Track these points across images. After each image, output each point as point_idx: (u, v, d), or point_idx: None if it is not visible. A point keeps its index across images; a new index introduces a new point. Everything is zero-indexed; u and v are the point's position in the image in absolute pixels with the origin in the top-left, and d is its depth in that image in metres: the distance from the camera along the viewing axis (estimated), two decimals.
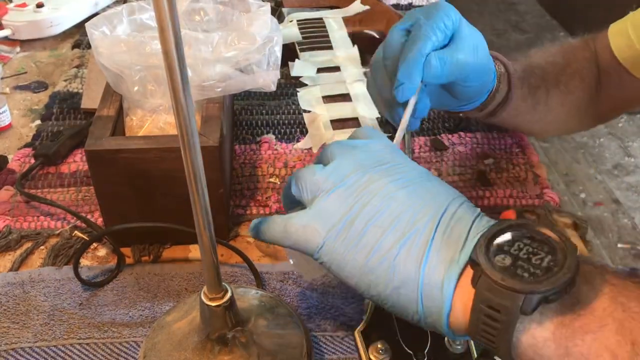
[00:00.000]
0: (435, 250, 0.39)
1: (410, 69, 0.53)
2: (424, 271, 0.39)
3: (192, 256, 0.64)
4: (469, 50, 0.57)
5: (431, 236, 0.40)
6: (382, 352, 0.48)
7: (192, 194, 0.40)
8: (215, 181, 0.60)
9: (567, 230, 0.68)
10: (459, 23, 0.57)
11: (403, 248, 0.39)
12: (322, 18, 0.96)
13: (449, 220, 0.40)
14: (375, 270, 0.40)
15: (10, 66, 0.97)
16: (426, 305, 0.39)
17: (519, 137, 0.80)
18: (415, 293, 0.39)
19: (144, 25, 0.68)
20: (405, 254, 0.39)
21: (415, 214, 0.40)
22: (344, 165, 0.44)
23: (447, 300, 0.38)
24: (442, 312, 0.39)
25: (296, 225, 0.42)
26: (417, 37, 0.54)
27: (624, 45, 0.70)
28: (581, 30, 0.79)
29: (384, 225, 0.40)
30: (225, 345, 0.48)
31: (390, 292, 0.40)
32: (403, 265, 0.39)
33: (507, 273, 0.36)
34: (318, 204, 0.42)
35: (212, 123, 0.62)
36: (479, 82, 0.60)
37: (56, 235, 0.66)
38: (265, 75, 0.66)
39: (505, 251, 0.37)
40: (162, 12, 0.32)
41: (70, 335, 0.56)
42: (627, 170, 2.23)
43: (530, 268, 0.36)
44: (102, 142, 0.59)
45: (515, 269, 0.36)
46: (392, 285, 0.40)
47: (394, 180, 0.42)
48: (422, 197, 0.41)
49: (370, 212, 0.41)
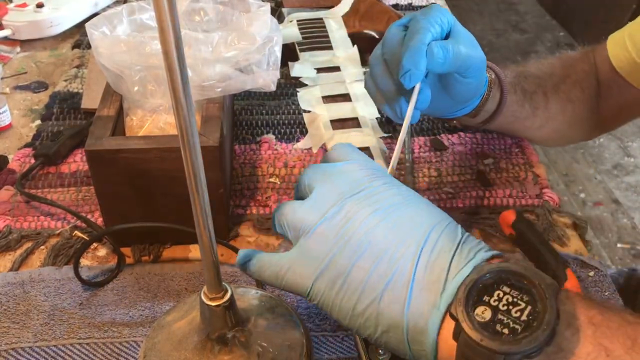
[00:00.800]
0: (416, 291, 0.39)
1: (414, 56, 0.53)
2: (407, 316, 0.39)
3: (192, 256, 0.64)
4: (468, 43, 0.58)
5: (412, 275, 0.40)
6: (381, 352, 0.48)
7: (192, 194, 0.40)
8: (215, 181, 0.60)
9: (567, 230, 0.68)
10: (454, 23, 0.58)
11: (386, 291, 0.40)
12: (322, 18, 0.96)
13: (429, 253, 0.40)
14: (364, 314, 0.40)
15: (10, 66, 0.97)
16: (414, 349, 0.40)
17: (519, 138, 0.80)
18: (402, 336, 0.40)
19: (144, 25, 0.68)
20: (389, 298, 0.40)
21: (396, 250, 0.40)
22: (323, 198, 0.44)
23: (431, 347, 0.39)
24: (429, 356, 0.39)
25: (285, 269, 0.43)
26: (417, 29, 0.55)
27: (621, 56, 0.71)
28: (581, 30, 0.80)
29: (367, 266, 0.40)
30: (225, 345, 0.48)
31: (380, 334, 0.40)
32: (387, 309, 0.40)
33: (486, 331, 0.36)
34: (303, 244, 0.43)
35: (212, 123, 0.62)
36: (478, 79, 0.61)
37: (56, 235, 0.66)
38: (265, 75, 0.66)
39: (485, 302, 0.37)
40: (162, 12, 0.32)
41: (70, 335, 0.56)
42: (627, 170, 2.23)
43: (509, 322, 0.36)
44: (102, 142, 0.59)
45: (494, 325, 0.36)
46: (381, 329, 0.40)
47: (374, 210, 0.42)
48: (403, 228, 0.41)
49: (351, 250, 0.41)
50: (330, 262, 0.41)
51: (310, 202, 0.44)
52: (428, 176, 0.74)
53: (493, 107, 0.67)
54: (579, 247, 0.66)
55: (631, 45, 0.70)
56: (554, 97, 0.72)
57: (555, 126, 0.75)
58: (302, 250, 0.43)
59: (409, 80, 0.54)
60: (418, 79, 0.54)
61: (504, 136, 0.80)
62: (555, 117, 0.74)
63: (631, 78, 0.71)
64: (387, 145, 0.78)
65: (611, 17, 2.52)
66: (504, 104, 0.66)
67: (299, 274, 0.42)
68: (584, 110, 0.76)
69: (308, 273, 0.42)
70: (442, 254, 0.40)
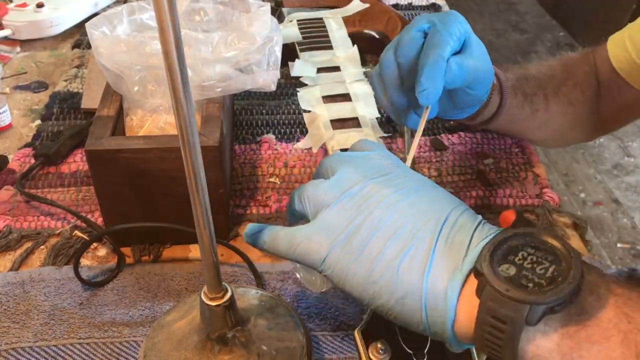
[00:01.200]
0: (437, 259, 0.39)
1: (434, 73, 0.53)
2: (427, 281, 0.39)
3: (192, 256, 0.64)
4: (480, 57, 0.58)
5: (433, 245, 0.40)
6: (382, 352, 0.48)
7: (192, 194, 0.40)
8: (215, 181, 0.60)
9: (567, 230, 0.68)
10: (469, 32, 0.58)
11: (406, 258, 0.40)
12: (322, 18, 0.96)
13: (450, 228, 0.40)
14: (379, 281, 0.40)
15: (10, 66, 0.97)
16: (430, 315, 0.39)
17: (518, 138, 0.80)
18: (419, 303, 0.39)
19: (144, 25, 0.68)
20: (408, 264, 0.39)
21: (417, 223, 0.41)
22: (346, 177, 0.44)
23: (451, 310, 0.38)
24: (446, 321, 0.39)
25: (300, 239, 0.43)
26: (437, 42, 0.54)
27: (621, 57, 0.72)
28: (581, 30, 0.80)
29: (387, 235, 0.40)
30: (225, 345, 0.48)
31: (395, 302, 0.40)
32: (406, 275, 0.39)
33: (511, 283, 0.36)
34: (322, 217, 0.43)
35: (212, 123, 0.62)
36: (483, 90, 0.61)
37: (56, 235, 0.66)
38: (265, 75, 0.66)
39: (509, 260, 0.37)
40: (162, 12, 0.32)
41: (70, 335, 0.56)
42: (627, 170, 2.23)
43: (534, 278, 0.36)
44: (102, 142, 0.59)
45: (519, 279, 0.36)
46: (396, 295, 0.40)
47: (395, 190, 0.43)
48: (424, 207, 0.42)
49: (372, 223, 0.41)
50: (349, 232, 0.41)
51: (333, 181, 0.44)
52: (428, 176, 0.74)
53: (492, 110, 0.67)
54: (579, 247, 0.66)
55: (631, 46, 0.70)
56: (555, 99, 0.72)
57: (555, 127, 0.76)
58: (321, 221, 0.43)
59: (426, 99, 0.53)
60: (435, 98, 0.54)
61: (504, 136, 0.80)
62: (555, 118, 0.74)
63: (631, 79, 0.71)
64: (387, 145, 0.78)
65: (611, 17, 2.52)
66: (503, 107, 0.67)
67: (315, 242, 0.42)
68: (584, 112, 0.76)
69: (325, 242, 0.42)
70: (463, 229, 0.40)
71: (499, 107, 0.67)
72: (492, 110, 0.67)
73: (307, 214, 0.45)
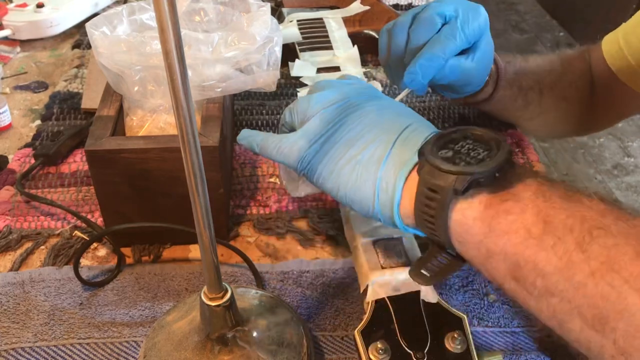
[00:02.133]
0: (393, 155, 0.45)
1: (429, 65, 0.58)
2: (382, 171, 0.45)
3: (192, 256, 0.64)
4: (481, 61, 0.61)
5: (391, 145, 0.46)
6: (381, 352, 0.48)
7: (192, 194, 0.40)
8: (215, 181, 0.60)
9: None
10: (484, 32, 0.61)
11: (366, 154, 0.46)
12: (322, 18, 0.96)
13: (409, 133, 0.46)
14: (343, 173, 0.46)
15: (10, 66, 0.97)
16: (381, 199, 0.45)
17: (519, 137, 0.80)
18: (373, 189, 0.45)
19: (144, 25, 0.68)
20: (368, 159, 0.46)
21: (381, 130, 0.47)
22: (331, 95, 0.50)
23: (397, 191, 0.44)
24: (393, 203, 0.44)
25: (286, 143, 0.49)
26: (448, 39, 0.58)
27: (615, 55, 0.73)
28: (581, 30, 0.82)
29: (355, 138, 0.47)
30: (225, 345, 0.48)
31: (354, 190, 0.46)
32: (365, 167, 0.45)
33: (446, 161, 0.41)
34: (305, 126, 0.49)
35: (212, 123, 0.62)
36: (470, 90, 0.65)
37: (56, 235, 0.66)
38: (265, 75, 0.66)
39: (450, 148, 0.43)
40: (162, 12, 0.32)
41: (70, 335, 0.56)
42: (627, 170, 2.23)
43: (467, 159, 0.42)
44: (102, 142, 0.59)
45: (454, 159, 0.42)
46: (356, 184, 0.46)
47: (369, 106, 0.49)
48: (390, 118, 0.48)
49: (345, 129, 0.48)
50: (325, 138, 0.48)
51: (320, 96, 0.51)
52: None
53: (484, 97, 0.70)
54: None
55: (624, 45, 0.72)
56: (549, 94, 0.74)
57: (547, 120, 0.78)
58: (304, 129, 0.49)
59: (410, 82, 0.59)
60: (419, 86, 0.59)
61: (503, 136, 0.80)
62: (548, 112, 0.77)
63: (624, 77, 0.72)
64: None
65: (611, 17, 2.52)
66: (493, 97, 0.70)
67: (296, 146, 0.49)
68: (577, 108, 0.78)
69: (304, 146, 0.48)
70: (420, 134, 0.46)
71: (490, 96, 0.70)
72: (483, 96, 0.70)
73: (295, 124, 0.51)
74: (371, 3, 0.96)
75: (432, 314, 0.50)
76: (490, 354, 0.49)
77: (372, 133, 0.47)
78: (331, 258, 0.64)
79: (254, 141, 0.52)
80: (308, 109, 0.50)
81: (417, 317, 0.50)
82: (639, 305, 0.33)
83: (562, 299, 0.36)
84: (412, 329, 0.49)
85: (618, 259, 0.35)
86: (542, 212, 0.38)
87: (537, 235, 0.38)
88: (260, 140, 0.51)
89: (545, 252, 0.37)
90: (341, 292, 0.60)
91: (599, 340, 0.35)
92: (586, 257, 0.35)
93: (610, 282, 0.34)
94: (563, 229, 0.37)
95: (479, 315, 0.58)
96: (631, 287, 0.34)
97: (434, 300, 0.51)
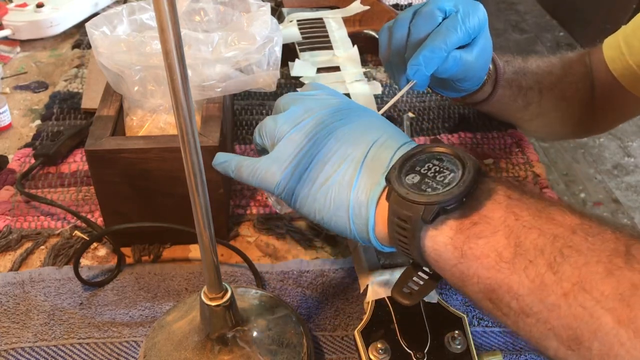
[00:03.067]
0: (363, 175, 0.45)
1: (432, 57, 0.57)
2: (353, 195, 0.45)
3: (192, 256, 0.64)
4: (481, 57, 0.61)
5: (360, 164, 0.45)
6: (381, 352, 0.48)
7: (192, 194, 0.40)
8: (215, 181, 0.60)
9: None
10: (484, 28, 0.61)
11: (338, 176, 0.46)
12: (322, 18, 0.96)
13: (377, 148, 0.46)
14: (318, 198, 0.46)
15: (10, 66, 0.97)
16: (356, 223, 0.45)
17: (519, 137, 0.80)
18: (347, 214, 0.45)
19: (144, 25, 0.68)
20: (339, 181, 0.46)
21: (350, 147, 0.46)
22: (296, 112, 0.50)
23: (370, 216, 0.44)
24: (368, 227, 0.45)
25: (259, 169, 0.49)
26: (450, 31, 0.58)
27: (616, 59, 0.73)
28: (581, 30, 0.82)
29: (325, 159, 0.47)
30: (225, 345, 0.48)
31: (330, 216, 0.46)
32: (337, 192, 0.46)
33: (413, 189, 0.41)
34: (276, 149, 0.49)
35: (212, 123, 0.62)
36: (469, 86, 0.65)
37: (56, 235, 0.66)
38: (265, 75, 0.66)
39: (416, 171, 0.43)
40: (162, 12, 0.32)
41: (70, 335, 0.56)
42: (627, 170, 2.23)
43: (433, 184, 0.42)
44: (102, 142, 0.59)
45: (421, 185, 0.42)
46: (331, 209, 0.46)
47: (336, 120, 0.48)
48: (358, 133, 0.47)
49: (315, 150, 0.47)
50: (296, 161, 0.47)
51: (286, 116, 0.50)
52: None
53: (483, 97, 0.70)
54: None
55: (626, 49, 0.71)
56: (549, 95, 0.74)
57: (547, 121, 0.78)
58: (275, 152, 0.48)
59: (413, 74, 0.58)
60: (422, 78, 0.59)
61: (504, 136, 0.80)
62: (548, 113, 0.77)
63: (625, 81, 0.72)
64: None
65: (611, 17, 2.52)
66: (492, 97, 0.70)
67: (270, 171, 0.48)
68: (577, 110, 0.78)
69: (277, 171, 0.48)
70: (387, 149, 0.46)
71: (489, 96, 0.70)
72: (482, 96, 0.70)
73: (266, 146, 0.51)
74: (371, 3, 0.96)
75: (432, 314, 0.50)
76: (490, 354, 0.49)
77: (340, 154, 0.46)
78: (331, 258, 0.64)
79: (228, 167, 0.51)
80: (276, 129, 0.49)
81: (417, 317, 0.50)
82: (612, 325, 0.33)
83: (537, 320, 0.37)
84: (412, 328, 0.49)
85: (589, 279, 0.35)
86: (513, 234, 0.38)
87: (508, 259, 0.38)
88: (235, 166, 0.50)
89: (517, 275, 0.37)
90: (341, 292, 0.60)
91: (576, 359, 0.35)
92: (558, 278, 0.36)
93: (582, 303, 0.35)
94: (534, 250, 0.37)
95: (479, 315, 0.58)
96: (603, 307, 0.34)
97: (434, 300, 0.51)
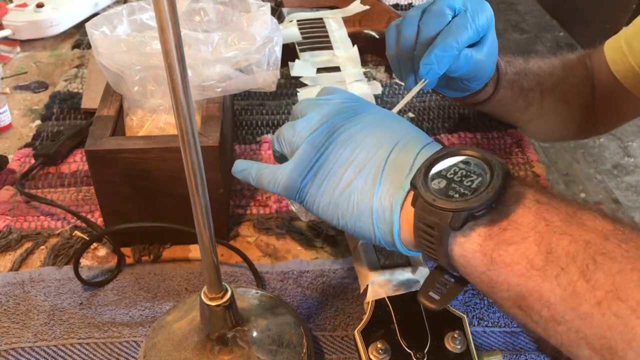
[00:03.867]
0: (385, 179, 0.45)
1: (444, 55, 0.57)
2: (377, 199, 0.44)
3: (192, 256, 0.64)
4: (489, 55, 0.61)
5: (382, 168, 0.45)
6: (381, 352, 0.48)
7: (192, 194, 0.40)
8: (215, 181, 0.60)
9: None
10: (491, 27, 0.61)
11: (360, 181, 0.45)
12: (322, 18, 0.96)
13: (398, 151, 0.45)
14: (341, 204, 0.46)
15: (10, 66, 0.97)
16: (380, 228, 0.45)
17: (519, 137, 0.80)
18: (370, 219, 0.45)
19: (144, 25, 0.68)
20: (362, 186, 0.45)
21: (370, 150, 0.46)
22: (314, 118, 0.49)
23: (395, 221, 0.43)
24: (393, 232, 0.44)
25: (281, 176, 0.48)
26: (461, 29, 0.58)
27: (618, 61, 0.73)
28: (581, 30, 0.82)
29: (346, 165, 0.46)
30: (225, 345, 0.48)
31: (354, 221, 0.46)
32: (360, 196, 0.45)
33: (439, 194, 0.40)
34: (296, 155, 0.48)
35: (212, 123, 0.62)
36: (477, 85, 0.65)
37: (56, 235, 0.66)
38: (265, 75, 0.66)
39: (442, 175, 0.42)
40: (162, 12, 0.32)
41: (70, 335, 0.56)
42: (627, 170, 2.23)
43: (461, 189, 0.40)
44: (102, 142, 0.59)
45: (447, 191, 0.41)
46: (354, 215, 0.45)
47: (355, 124, 0.48)
48: (379, 136, 0.47)
49: (335, 155, 0.47)
50: (317, 167, 0.47)
51: (304, 122, 0.49)
52: None
53: (484, 97, 0.70)
54: None
55: (628, 51, 0.71)
56: (550, 96, 0.74)
57: (548, 122, 0.78)
58: (295, 159, 0.48)
59: (427, 73, 0.58)
60: (434, 77, 0.58)
61: (504, 136, 0.80)
62: (549, 114, 0.77)
63: (629, 84, 0.72)
64: None
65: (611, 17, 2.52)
66: (494, 97, 0.70)
67: (291, 178, 0.48)
68: (578, 111, 0.78)
69: (298, 177, 0.47)
70: (409, 151, 0.45)
71: (490, 96, 0.70)
72: (484, 97, 0.70)
73: (285, 153, 0.51)
74: (371, 3, 0.96)
75: (432, 314, 0.50)
76: (490, 354, 0.49)
77: (361, 158, 0.46)
78: (331, 258, 0.64)
79: (249, 175, 0.51)
80: (294, 136, 0.49)
81: (417, 317, 0.50)
82: None
83: (569, 329, 0.36)
84: (412, 328, 0.49)
85: (623, 287, 0.34)
86: (544, 240, 0.37)
87: (539, 266, 0.37)
88: (255, 174, 0.50)
89: (549, 283, 0.36)
90: (341, 292, 0.60)
91: None
92: (591, 286, 0.35)
93: (617, 312, 0.34)
94: (566, 257, 0.36)
95: (479, 315, 0.58)
96: (638, 316, 0.33)
97: None
